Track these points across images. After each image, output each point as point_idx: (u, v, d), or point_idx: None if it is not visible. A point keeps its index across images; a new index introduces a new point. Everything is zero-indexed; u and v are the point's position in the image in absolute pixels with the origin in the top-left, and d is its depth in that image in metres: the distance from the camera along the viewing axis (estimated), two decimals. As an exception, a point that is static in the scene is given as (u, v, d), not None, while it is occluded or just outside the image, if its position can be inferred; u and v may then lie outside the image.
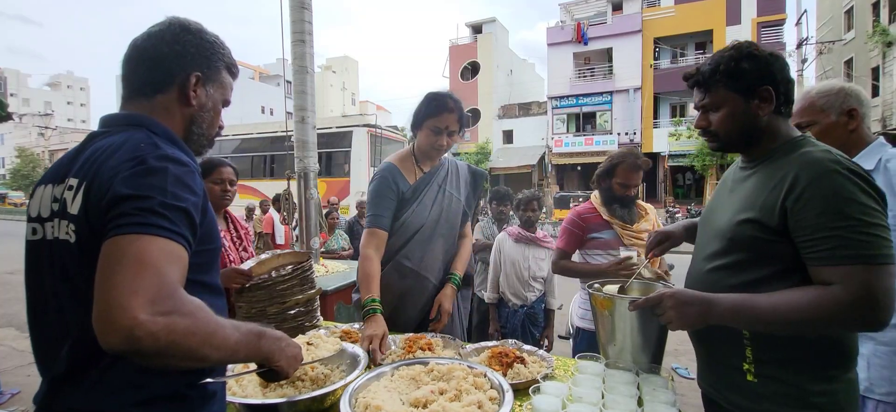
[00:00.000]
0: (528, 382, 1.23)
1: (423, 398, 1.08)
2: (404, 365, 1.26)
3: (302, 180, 3.56)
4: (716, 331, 1.06)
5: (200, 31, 0.93)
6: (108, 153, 0.78)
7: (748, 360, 1.04)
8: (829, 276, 0.91)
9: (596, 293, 1.30)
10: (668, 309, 1.05)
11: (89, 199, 0.75)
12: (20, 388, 3.57)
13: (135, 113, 0.88)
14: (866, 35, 18.49)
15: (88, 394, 0.77)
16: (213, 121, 0.96)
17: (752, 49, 1.06)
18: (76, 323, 0.78)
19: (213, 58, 0.93)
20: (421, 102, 1.86)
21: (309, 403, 1.10)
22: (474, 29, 28.51)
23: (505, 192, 3.61)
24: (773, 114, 1.06)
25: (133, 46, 0.89)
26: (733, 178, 1.18)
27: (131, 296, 0.63)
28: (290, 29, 3.47)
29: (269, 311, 1.69)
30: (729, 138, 1.11)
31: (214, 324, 0.72)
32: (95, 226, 0.73)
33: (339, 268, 3.56)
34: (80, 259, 0.75)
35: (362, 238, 1.82)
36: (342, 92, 51.03)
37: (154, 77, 0.88)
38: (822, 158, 0.95)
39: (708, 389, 1.18)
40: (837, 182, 0.91)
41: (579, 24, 23.31)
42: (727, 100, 1.08)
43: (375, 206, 1.82)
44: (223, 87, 0.97)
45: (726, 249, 1.07)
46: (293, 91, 3.52)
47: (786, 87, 1.05)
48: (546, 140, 24.04)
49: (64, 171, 0.82)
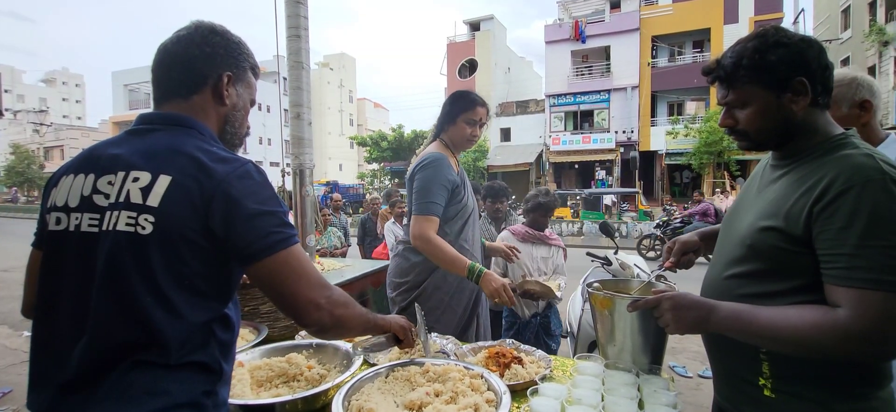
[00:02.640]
0: (526, 384, 1.21)
1: (418, 400, 1.05)
2: (399, 366, 1.24)
3: (297, 177, 3.52)
4: (730, 343, 1.00)
5: (226, 32, 0.96)
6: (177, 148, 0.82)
7: (765, 376, 0.97)
8: (838, 298, 0.82)
9: (595, 293, 1.27)
10: (665, 312, 1.01)
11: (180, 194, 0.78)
12: (12, 387, 3.52)
13: (177, 113, 0.90)
14: (863, 34, 18.57)
15: (103, 403, 0.74)
16: (244, 120, 1.00)
17: (780, 36, 0.92)
18: (96, 319, 0.76)
19: (241, 58, 0.97)
20: (449, 101, 2.00)
21: (301, 404, 1.08)
22: (472, 26, 28.45)
23: (500, 187, 3.39)
24: (811, 106, 0.93)
25: (163, 50, 0.92)
26: (762, 177, 1.06)
27: (313, 291, 0.86)
28: (285, 24, 3.42)
29: (263, 309, 1.66)
30: (760, 138, 0.99)
31: (351, 300, 0.95)
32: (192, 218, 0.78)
33: (334, 265, 3.53)
34: (154, 248, 0.76)
35: (418, 225, 1.79)
36: (339, 89, 50.84)
37: (188, 78, 0.91)
38: (864, 164, 0.83)
39: (723, 403, 1.10)
40: (876, 194, 0.80)
41: (577, 21, 23.29)
42: (755, 96, 0.95)
43: (435, 194, 1.83)
44: (250, 86, 1.01)
45: (745, 257, 0.98)
46: (289, 87, 3.47)
47: (823, 75, 0.92)
48: (544, 138, 24.04)
49: (111, 163, 0.82)
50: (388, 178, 28.44)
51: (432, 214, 1.80)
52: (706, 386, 3.49)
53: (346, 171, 47.18)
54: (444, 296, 1.90)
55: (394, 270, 1.99)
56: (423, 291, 1.90)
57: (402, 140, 26.37)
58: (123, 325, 0.76)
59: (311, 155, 3.55)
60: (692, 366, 3.94)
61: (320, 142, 44.48)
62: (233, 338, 0.89)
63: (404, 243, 1.96)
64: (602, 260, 3.96)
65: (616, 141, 22.29)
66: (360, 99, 56.17)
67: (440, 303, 1.89)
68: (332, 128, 48.73)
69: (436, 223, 1.81)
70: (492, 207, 3.38)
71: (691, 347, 4.25)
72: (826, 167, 0.88)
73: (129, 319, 0.76)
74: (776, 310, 0.89)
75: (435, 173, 1.84)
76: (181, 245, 0.78)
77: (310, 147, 3.54)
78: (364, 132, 41.37)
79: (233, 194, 0.79)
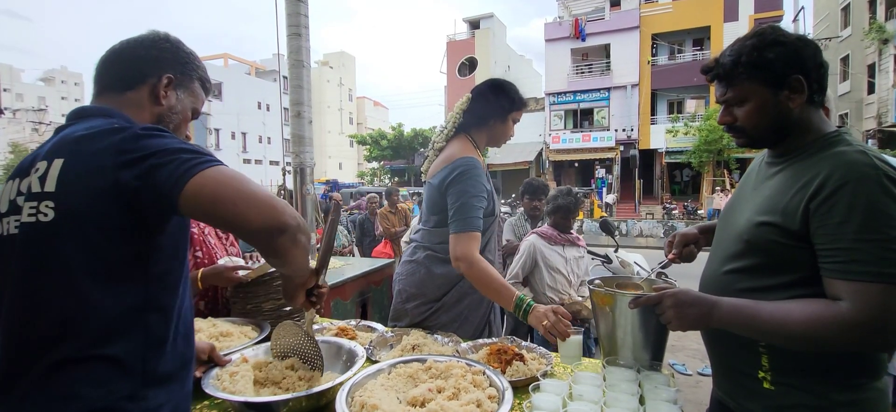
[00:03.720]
0: (528, 380, 1.21)
1: (420, 396, 1.05)
2: (401, 362, 1.24)
3: (298, 176, 3.52)
4: (729, 338, 1.01)
5: (178, 42, 0.97)
6: (82, 135, 0.79)
7: (764, 369, 0.99)
8: (839, 291, 0.85)
9: (596, 289, 1.28)
10: (667, 309, 1.02)
11: (73, 168, 0.75)
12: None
13: (102, 105, 0.89)
14: (863, 32, 18.56)
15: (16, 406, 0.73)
16: (181, 126, 0.98)
17: (778, 35, 0.96)
18: (9, 317, 0.75)
19: (188, 67, 0.97)
20: (498, 94, 1.73)
21: (304, 401, 1.08)
22: (472, 24, 28.42)
23: (540, 185, 3.21)
24: (806, 104, 0.96)
25: (110, 50, 0.93)
26: (758, 174, 1.09)
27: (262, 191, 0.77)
28: (285, 22, 3.42)
29: (265, 308, 1.67)
30: (758, 134, 1.01)
31: None
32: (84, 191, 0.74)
33: (335, 264, 3.53)
34: (58, 231, 0.74)
35: (462, 244, 1.56)
36: (339, 88, 50.78)
37: (126, 75, 0.91)
38: (858, 160, 0.86)
39: (723, 396, 1.12)
40: (870, 189, 0.82)
41: (577, 19, 23.27)
42: (753, 93, 0.97)
43: (473, 209, 1.60)
44: (194, 96, 1.00)
45: (743, 252, 1.00)
46: (289, 86, 3.48)
47: (818, 73, 0.96)
48: (543, 136, 24.03)
49: (29, 164, 0.81)
50: (388, 177, 28.44)
51: (476, 231, 1.59)
52: (705, 383, 3.50)
53: (345, 170, 47.16)
54: (463, 309, 1.73)
55: (410, 280, 1.76)
56: (443, 305, 1.72)
57: (401, 138, 26.35)
58: (34, 320, 0.74)
59: (311, 153, 3.56)
60: (691, 364, 3.96)
61: (320, 140, 44.42)
62: (170, 334, 0.83)
63: (426, 250, 1.75)
64: (602, 257, 3.96)
65: (616, 139, 22.28)
66: (359, 97, 56.11)
67: (458, 316, 1.73)
68: (332, 126, 48.69)
69: (479, 240, 1.61)
70: (530, 205, 3.23)
71: (691, 345, 4.26)
72: (822, 163, 0.91)
73: (40, 312, 0.74)
74: (778, 305, 0.91)
75: (475, 184, 1.62)
76: (88, 225, 0.73)
77: (310, 145, 3.54)
78: (364, 131, 41.35)
79: (143, 141, 0.75)
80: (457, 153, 1.70)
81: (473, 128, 1.76)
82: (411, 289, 1.76)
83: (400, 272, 1.89)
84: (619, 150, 22.33)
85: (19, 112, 43.45)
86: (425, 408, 1.02)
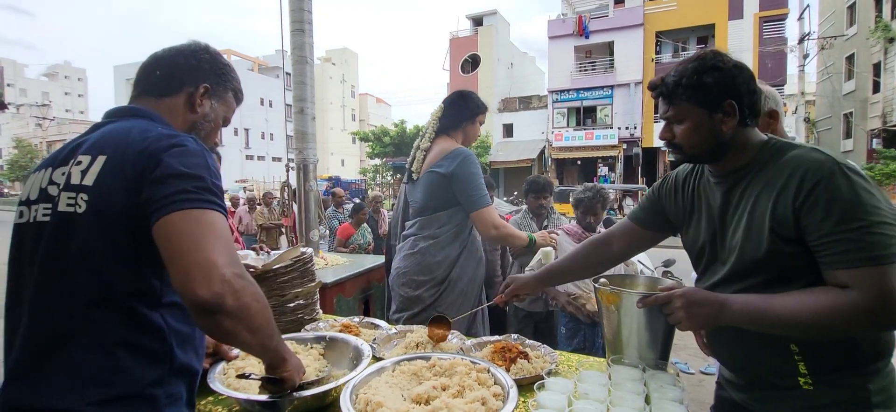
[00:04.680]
0: (533, 378, 1.21)
1: (425, 394, 1.05)
2: (406, 360, 1.24)
3: (301, 172, 3.52)
4: (758, 348, 1.03)
5: (218, 54, 1.02)
6: (125, 133, 0.83)
7: (802, 374, 1.00)
8: (845, 279, 0.89)
9: (602, 288, 1.27)
10: (677, 309, 1.01)
11: (112, 169, 0.78)
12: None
13: (139, 106, 0.93)
14: (868, 30, 18.42)
15: (44, 390, 0.74)
16: (212, 132, 1.03)
17: (717, 61, 1.02)
18: (41, 303, 0.77)
19: (224, 78, 1.02)
20: (464, 101, 2.09)
21: (309, 399, 1.08)
22: (475, 21, 28.33)
23: (544, 182, 3.09)
24: (739, 126, 1.02)
25: (152, 55, 0.98)
26: (711, 195, 1.13)
27: (219, 257, 0.71)
28: (289, 18, 3.42)
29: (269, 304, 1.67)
30: (693, 151, 1.07)
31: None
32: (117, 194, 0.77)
33: (338, 260, 3.53)
34: (88, 227, 0.77)
35: (488, 216, 1.94)
36: (342, 84, 50.79)
37: (165, 81, 0.95)
38: (820, 159, 0.92)
39: (746, 400, 1.12)
40: (839, 183, 0.88)
41: (581, 17, 23.17)
42: (690, 113, 1.04)
43: (482, 187, 1.97)
44: (227, 105, 1.05)
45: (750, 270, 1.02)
46: (292, 82, 3.47)
47: (750, 99, 1.02)
48: (546, 134, 23.97)
49: (68, 155, 0.84)
50: (390, 174, 28.43)
51: (490, 204, 1.96)
52: (708, 382, 3.50)
53: (347, 167, 47.20)
54: (464, 286, 2.01)
55: (415, 269, 2.01)
56: (449, 283, 1.98)
57: (404, 135, 26.32)
58: (62, 306, 0.76)
59: (314, 150, 3.55)
60: (694, 363, 3.95)
61: (322, 137, 44.47)
62: (191, 330, 0.87)
63: (427, 239, 2.00)
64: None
65: (619, 137, 22.22)
66: (362, 94, 56.11)
67: (461, 294, 2.00)
68: (335, 123, 48.73)
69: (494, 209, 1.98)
70: (535, 203, 3.07)
71: (693, 344, 4.24)
72: (787, 167, 0.96)
73: (68, 299, 0.76)
74: (790, 297, 0.93)
75: (476, 167, 1.96)
76: (116, 221, 0.77)
77: (313, 142, 3.54)
78: (366, 127, 41.35)
79: (161, 157, 0.78)
80: (449, 146, 1.98)
81: (451, 130, 2.06)
82: (420, 277, 1.99)
83: (403, 267, 2.01)
84: (622, 148, 22.27)
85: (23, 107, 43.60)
86: (430, 406, 1.02)
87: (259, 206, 8.11)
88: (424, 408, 1.01)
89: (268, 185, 22.17)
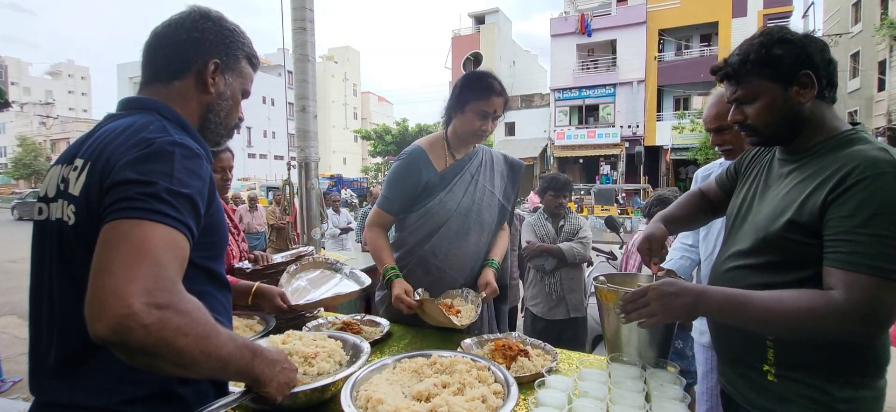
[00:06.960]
0: (533, 376, 1.21)
1: (425, 391, 1.05)
2: (406, 357, 1.24)
3: (303, 170, 3.53)
4: (737, 329, 1.02)
5: (220, 18, 0.92)
6: (115, 134, 0.77)
7: (769, 362, 1.00)
8: (834, 280, 0.86)
9: (601, 286, 1.27)
10: (651, 301, 1.00)
11: (92, 179, 0.74)
12: (22, 376, 3.57)
13: (149, 97, 0.87)
14: (874, 28, 18.28)
15: (78, 388, 0.75)
16: (232, 110, 0.95)
17: (784, 33, 0.96)
18: (67, 309, 0.76)
19: (233, 46, 0.93)
20: (463, 84, 1.69)
21: (309, 395, 1.08)
22: (477, 19, 28.31)
23: (564, 181, 2.94)
24: (817, 99, 0.96)
25: (153, 34, 0.89)
26: (772, 170, 1.09)
27: (128, 284, 0.59)
28: (291, 16, 3.42)
29: (270, 302, 1.67)
30: (770, 131, 1.01)
31: (210, 327, 0.67)
32: (94, 207, 0.72)
33: (339, 257, 3.54)
34: (76, 241, 0.75)
35: (369, 217, 1.81)
36: (344, 82, 50.80)
37: (171, 63, 0.88)
38: (878, 157, 0.86)
39: (727, 386, 1.14)
40: (887, 186, 0.83)
41: (583, 15, 23.11)
42: (763, 90, 0.98)
43: (390, 189, 1.75)
44: (243, 76, 0.96)
45: (758, 249, 1.00)
46: (294, 80, 3.47)
47: (827, 69, 0.95)
48: (548, 132, 23.94)
49: (73, 152, 0.82)
50: (392, 172, 28.41)
51: (383, 209, 1.77)
52: (710, 381, 3.49)
53: (350, 165, 47.27)
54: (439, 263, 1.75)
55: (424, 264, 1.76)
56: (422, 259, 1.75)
57: (406, 134, 26.35)
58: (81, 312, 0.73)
59: (316, 148, 3.56)
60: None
61: (324, 135, 44.51)
62: None
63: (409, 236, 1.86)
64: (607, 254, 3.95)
65: (621, 135, 22.17)
66: (364, 92, 56.13)
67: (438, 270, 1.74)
68: (337, 121, 48.76)
69: (385, 218, 1.78)
70: (553, 202, 2.90)
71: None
72: (841, 160, 0.91)
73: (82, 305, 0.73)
74: (770, 296, 0.91)
75: (398, 169, 1.74)
76: None
77: (315, 140, 3.54)
78: (368, 126, 41.35)
79: (118, 161, 0.71)
80: (413, 144, 1.82)
81: (446, 124, 1.80)
82: None
83: None
84: (624, 146, 22.21)
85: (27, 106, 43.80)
86: (430, 403, 1.02)
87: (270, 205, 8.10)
88: (425, 406, 1.01)
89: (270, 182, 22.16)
